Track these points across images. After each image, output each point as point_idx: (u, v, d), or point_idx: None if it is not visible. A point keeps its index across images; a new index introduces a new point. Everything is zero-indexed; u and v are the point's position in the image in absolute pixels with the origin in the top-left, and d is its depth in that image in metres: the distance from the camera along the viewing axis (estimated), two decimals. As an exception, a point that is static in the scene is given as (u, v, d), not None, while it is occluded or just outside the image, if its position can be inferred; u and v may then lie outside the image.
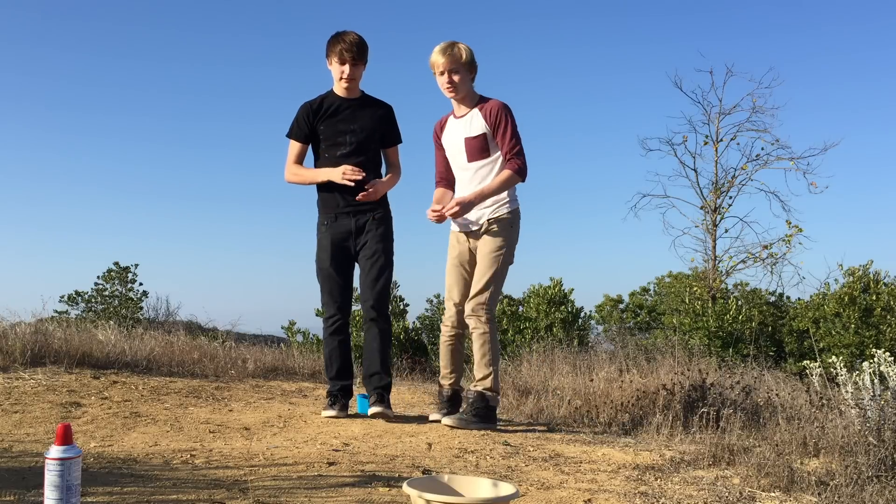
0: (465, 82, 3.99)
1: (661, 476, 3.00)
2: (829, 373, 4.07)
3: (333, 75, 4.08)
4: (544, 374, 6.37)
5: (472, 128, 3.99)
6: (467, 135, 4.00)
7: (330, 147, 4.06)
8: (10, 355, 5.10)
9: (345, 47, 3.98)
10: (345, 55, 3.98)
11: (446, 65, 3.94)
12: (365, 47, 4.04)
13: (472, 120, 4.01)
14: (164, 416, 4.01)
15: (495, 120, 3.96)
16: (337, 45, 4.00)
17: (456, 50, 3.95)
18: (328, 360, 4.12)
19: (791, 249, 13.54)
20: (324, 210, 4.11)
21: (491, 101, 4.02)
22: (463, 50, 3.97)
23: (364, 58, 4.06)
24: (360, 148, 4.05)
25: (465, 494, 2.26)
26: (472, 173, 4.00)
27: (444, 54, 3.94)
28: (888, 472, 2.86)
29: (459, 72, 3.96)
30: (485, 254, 3.96)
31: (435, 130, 4.20)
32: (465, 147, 4.00)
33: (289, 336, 12.25)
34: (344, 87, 4.07)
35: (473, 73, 4.04)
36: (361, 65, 4.06)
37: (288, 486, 2.55)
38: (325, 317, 4.11)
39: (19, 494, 2.29)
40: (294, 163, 4.16)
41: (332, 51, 4.02)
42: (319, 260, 4.10)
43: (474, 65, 4.02)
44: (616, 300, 15.06)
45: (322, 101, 4.10)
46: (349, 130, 4.06)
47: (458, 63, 3.95)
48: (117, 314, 12.88)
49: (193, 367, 5.74)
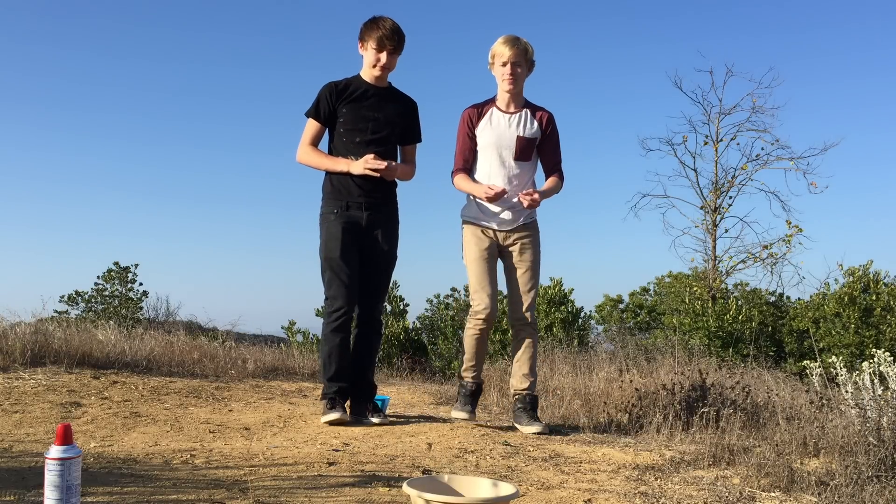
0: (524, 77, 4.00)
1: (661, 476, 3.00)
2: (829, 373, 4.07)
3: (366, 60, 3.94)
4: (544, 375, 6.37)
5: (527, 128, 3.99)
6: (522, 134, 3.97)
7: (349, 132, 3.93)
8: (10, 355, 5.10)
9: (385, 34, 3.84)
10: (385, 43, 3.86)
11: (512, 56, 3.91)
12: (403, 36, 3.92)
13: (526, 120, 4.00)
14: (164, 416, 4.00)
15: (548, 129, 4.05)
16: (376, 31, 3.86)
17: (522, 44, 3.94)
18: (326, 360, 3.91)
19: (791, 249, 13.56)
20: (333, 199, 3.94)
21: (543, 108, 4.08)
22: (528, 46, 3.97)
23: (402, 47, 3.94)
24: (381, 139, 3.94)
25: (465, 494, 2.26)
26: (513, 172, 3.97)
27: (511, 46, 3.91)
28: (888, 472, 2.86)
29: (522, 66, 3.95)
30: (531, 260, 3.99)
31: (469, 117, 4.02)
32: (517, 145, 3.97)
33: (289, 336, 12.25)
34: (376, 74, 3.94)
35: (531, 70, 4.04)
36: (398, 54, 3.95)
37: (288, 486, 2.55)
38: (331, 310, 3.87)
39: (19, 494, 2.29)
40: (310, 143, 3.98)
41: (371, 35, 3.88)
42: (329, 249, 3.89)
43: (533, 63, 4.03)
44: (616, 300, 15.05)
45: (348, 83, 3.96)
46: (372, 118, 3.94)
47: (522, 57, 3.94)
48: (117, 314, 12.88)
49: (193, 367, 5.74)
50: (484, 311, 3.91)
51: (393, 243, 4.02)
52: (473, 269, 3.96)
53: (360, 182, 3.89)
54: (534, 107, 4.07)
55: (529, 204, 3.88)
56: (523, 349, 3.98)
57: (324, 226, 3.95)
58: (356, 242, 3.92)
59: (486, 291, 3.92)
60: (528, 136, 3.99)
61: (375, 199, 3.94)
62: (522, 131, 3.98)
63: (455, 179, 4.04)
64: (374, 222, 3.94)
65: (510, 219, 3.98)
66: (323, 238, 3.94)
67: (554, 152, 4.09)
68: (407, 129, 4.06)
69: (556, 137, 4.09)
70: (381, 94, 3.98)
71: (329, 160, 3.95)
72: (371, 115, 3.93)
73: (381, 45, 3.86)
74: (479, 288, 3.93)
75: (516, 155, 3.97)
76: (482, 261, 3.95)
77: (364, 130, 3.92)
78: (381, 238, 3.96)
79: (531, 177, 4.06)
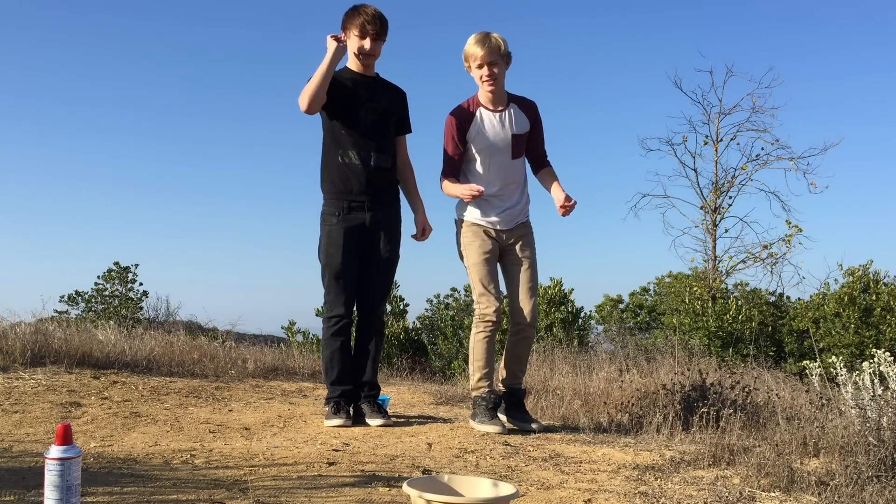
0: (503, 74, 3.88)
1: (661, 476, 3.00)
2: (829, 373, 4.07)
3: (350, 49, 3.85)
4: (544, 374, 6.37)
5: (519, 124, 3.94)
6: (516, 131, 3.92)
7: (347, 126, 3.83)
8: (10, 355, 5.10)
9: (367, 19, 3.77)
10: (367, 28, 3.77)
11: (486, 56, 3.80)
12: (386, 22, 3.83)
13: (515, 116, 3.94)
14: (164, 416, 4.00)
15: (536, 119, 4.00)
16: (358, 18, 3.79)
17: (493, 41, 3.81)
18: (328, 364, 3.89)
19: (791, 249, 13.57)
20: (335, 198, 3.86)
21: (525, 98, 4.01)
22: (500, 40, 3.83)
23: (385, 33, 3.85)
24: (379, 130, 3.88)
25: (465, 494, 2.26)
26: (510, 170, 3.93)
27: (482, 45, 3.79)
28: (888, 472, 2.86)
29: (499, 63, 3.84)
30: (531, 258, 3.95)
31: (458, 122, 3.89)
32: (513, 143, 3.91)
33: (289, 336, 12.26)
34: (362, 63, 3.87)
35: (509, 64, 3.91)
36: (382, 41, 3.86)
37: (288, 486, 2.55)
38: (329, 315, 3.87)
39: (19, 494, 2.29)
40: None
41: (352, 23, 3.81)
42: (329, 255, 3.84)
43: (510, 56, 3.90)
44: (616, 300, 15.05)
45: (337, 74, 3.84)
46: (368, 108, 3.85)
47: (497, 54, 3.82)
48: (117, 314, 12.88)
49: (193, 367, 5.74)
50: (494, 314, 3.82)
51: (395, 244, 3.98)
52: (479, 271, 3.86)
53: (363, 180, 3.83)
54: (518, 99, 3.99)
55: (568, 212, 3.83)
56: (524, 348, 3.94)
57: (325, 228, 3.89)
58: (358, 246, 3.87)
59: (494, 293, 3.85)
60: (522, 133, 3.96)
61: (379, 198, 3.90)
62: (515, 128, 3.93)
63: (443, 185, 3.96)
64: (378, 223, 3.89)
65: (511, 218, 3.95)
66: (324, 242, 3.88)
67: (541, 142, 4.06)
68: (399, 119, 4.01)
69: (541, 125, 4.05)
70: (370, 83, 3.92)
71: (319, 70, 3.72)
72: (365, 105, 3.85)
73: (363, 32, 3.78)
74: (485, 290, 3.84)
75: (514, 153, 3.94)
76: (487, 262, 3.87)
77: (362, 122, 3.84)
78: (384, 239, 3.92)
79: (524, 171, 4.03)
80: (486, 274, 3.86)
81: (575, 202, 3.84)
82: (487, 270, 3.86)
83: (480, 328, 3.84)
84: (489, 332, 3.84)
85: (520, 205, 3.98)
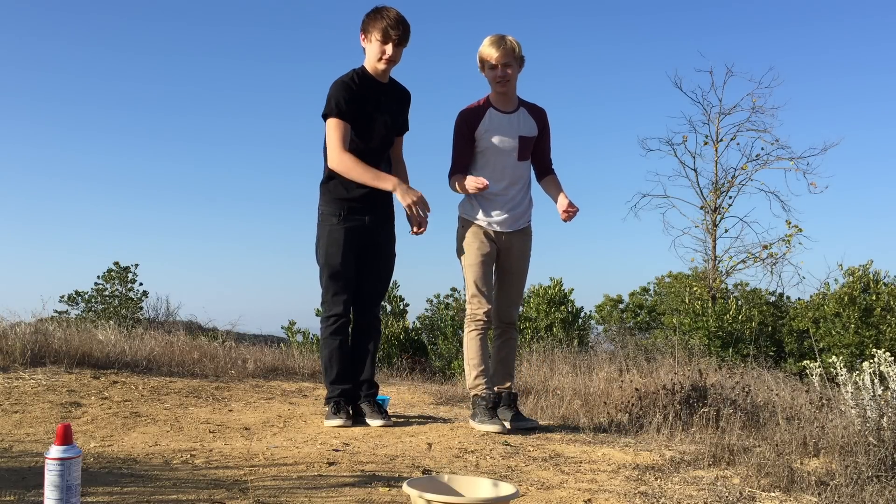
0: (515, 76, 3.95)
1: (661, 476, 3.00)
2: (829, 373, 4.07)
3: (370, 53, 3.74)
4: (544, 374, 6.38)
5: (527, 127, 3.99)
6: (523, 133, 3.96)
7: (359, 136, 3.77)
8: (10, 355, 5.10)
9: (390, 24, 3.64)
10: (390, 33, 3.64)
11: (501, 58, 3.85)
12: (409, 27, 3.71)
13: (524, 119, 3.99)
14: (164, 416, 4.00)
15: (545, 126, 4.07)
16: (381, 21, 3.65)
17: (508, 43, 3.87)
18: (327, 363, 3.89)
19: (791, 249, 13.59)
20: (335, 199, 3.83)
21: (536, 105, 4.08)
22: (515, 43, 3.89)
23: (407, 39, 3.73)
24: (388, 141, 3.89)
25: (465, 494, 2.26)
26: (516, 172, 3.96)
27: (498, 47, 3.85)
28: (888, 472, 2.86)
29: (512, 65, 3.89)
30: (525, 265, 4.04)
31: (467, 119, 3.92)
32: (520, 145, 3.96)
33: (289, 336, 12.27)
34: (382, 68, 3.76)
35: (522, 67, 3.97)
36: (403, 46, 3.75)
37: (288, 486, 2.55)
38: (327, 315, 3.87)
39: (19, 494, 2.29)
40: (346, 150, 3.70)
41: (375, 26, 3.67)
42: (329, 255, 3.81)
43: (523, 59, 3.96)
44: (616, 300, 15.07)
45: (358, 80, 3.75)
46: (381, 120, 3.81)
47: (511, 56, 3.87)
48: (117, 314, 12.89)
49: (193, 367, 5.74)
50: (486, 315, 3.90)
51: (392, 244, 4.03)
52: (475, 272, 3.91)
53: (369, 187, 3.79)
54: (528, 104, 4.05)
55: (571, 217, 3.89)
56: (509, 349, 4.07)
57: (325, 228, 3.87)
58: (357, 247, 3.87)
59: (486, 295, 3.92)
60: (529, 136, 4.00)
61: (379, 202, 3.91)
62: (523, 130, 3.97)
63: (451, 182, 3.99)
64: (377, 224, 3.91)
65: (513, 220, 3.97)
66: (323, 242, 3.87)
67: (548, 150, 4.12)
68: (401, 122, 4.01)
69: (549, 132, 4.11)
70: (387, 90, 3.89)
71: (372, 174, 3.71)
72: (381, 117, 3.84)
73: (386, 37, 3.66)
74: (478, 291, 3.91)
75: (520, 155, 3.97)
76: (483, 264, 3.92)
77: (374, 133, 3.83)
78: (383, 240, 3.95)
79: (529, 174, 4.08)
80: (481, 276, 3.92)
81: (578, 209, 3.91)
82: (483, 273, 3.93)
83: (472, 327, 3.94)
84: (481, 330, 3.93)
85: (522, 206, 3.99)
